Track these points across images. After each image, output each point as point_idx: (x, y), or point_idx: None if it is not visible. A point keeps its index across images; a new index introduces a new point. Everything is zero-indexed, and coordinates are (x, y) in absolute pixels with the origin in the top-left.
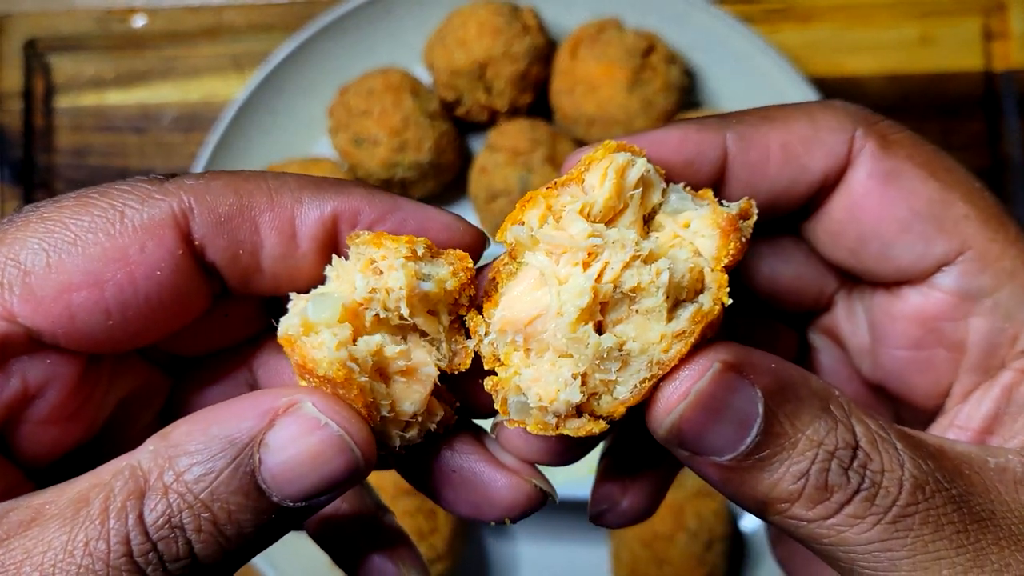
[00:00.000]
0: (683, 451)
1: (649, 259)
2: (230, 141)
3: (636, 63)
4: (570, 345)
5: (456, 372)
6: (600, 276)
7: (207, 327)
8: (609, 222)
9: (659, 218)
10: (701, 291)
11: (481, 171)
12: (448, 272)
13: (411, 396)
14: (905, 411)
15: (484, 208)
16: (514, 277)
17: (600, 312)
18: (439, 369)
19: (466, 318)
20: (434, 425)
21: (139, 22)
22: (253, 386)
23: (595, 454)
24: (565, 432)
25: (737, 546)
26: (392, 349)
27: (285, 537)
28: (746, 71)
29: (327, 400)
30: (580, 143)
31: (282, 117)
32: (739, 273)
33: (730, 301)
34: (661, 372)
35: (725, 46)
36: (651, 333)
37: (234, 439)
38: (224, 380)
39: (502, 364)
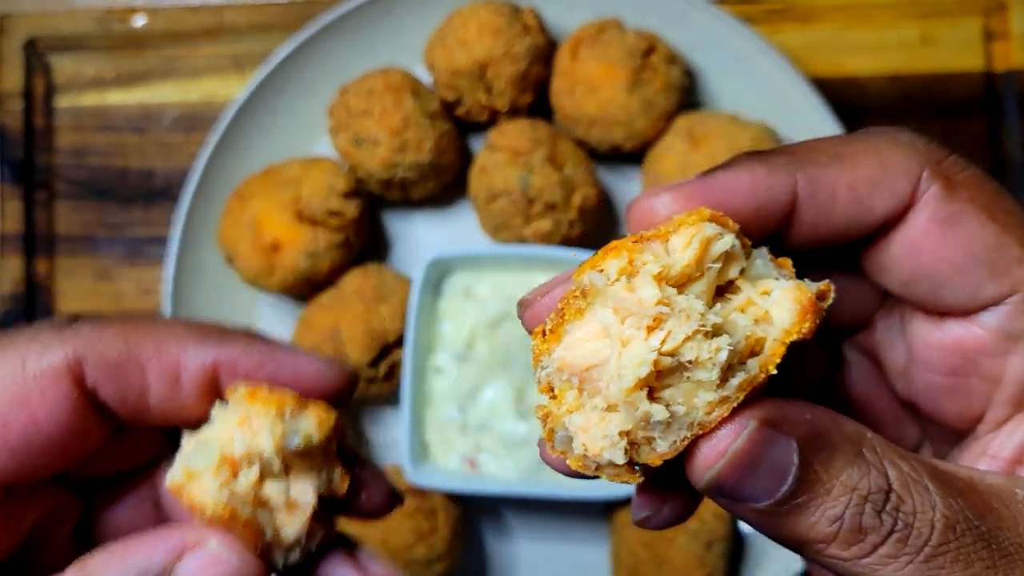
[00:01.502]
0: (721, 499)
1: (714, 332)
2: (230, 141)
3: (636, 63)
4: (622, 407)
5: (336, 497)
6: (661, 345)
7: (111, 453)
8: (683, 286)
9: (739, 282)
10: (756, 354)
11: (481, 171)
12: (314, 426)
13: (293, 523)
14: (933, 429)
15: (484, 208)
16: (581, 317)
17: (655, 377)
18: (319, 495)
19: (532, 344)
20: (314, 545)
21: (139, 22)
22: (157, 502)
23: None
24: (601, 476)
25: (737, 547)
26: (272, 487)
27: None
28: (747, 71)
29: (227, 538)
30: (581, 143)
31: (282, 117)
32: None
33: (775, 372)
34: (701, 432)
35: (726, 46)
36: (698, 399)
37: (147, 570)
38: (131, 497)
39: (555, 397)
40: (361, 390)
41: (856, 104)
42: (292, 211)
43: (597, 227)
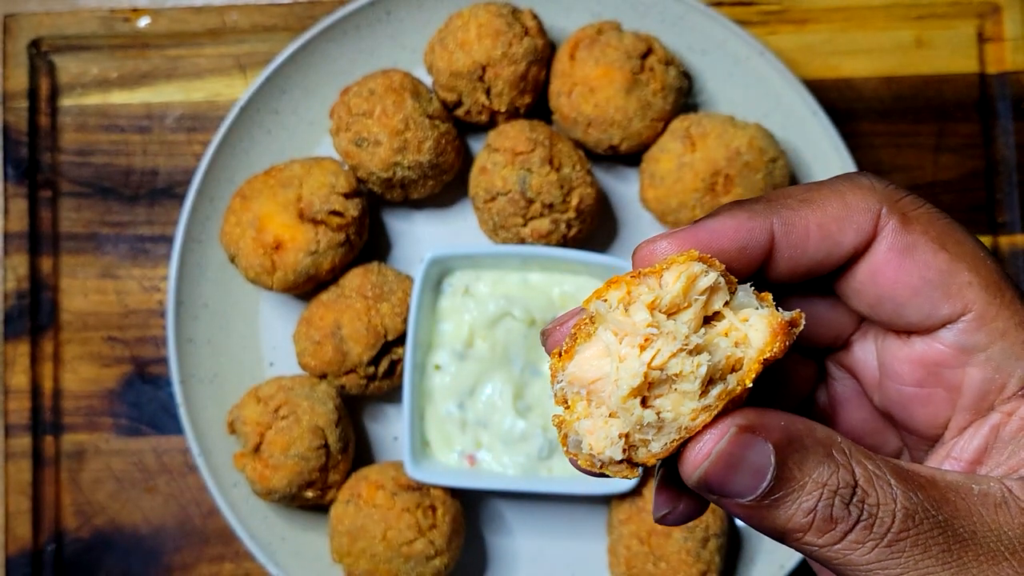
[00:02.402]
0: (711, 495)
1: (695, 351)
2: (233, 141)
3: (634, 65)
4: (619, 412)
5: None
6: (651, 361)
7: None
8: (673, 314)
9: (724, 311)
10: (736, 371)
11: (481, 171)
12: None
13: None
14: (908, 437)
15: (483, 207)
16: (589, 339)
17: (647, 387)
18: None
19: (550, 363)
20: None
21: (143, 22)
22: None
23: None
24: (607, 472)
25: (733, 542)
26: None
27: (286, 535)
28: (743, 73)
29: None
30: (579, 144)
31: (285, 117)
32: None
33: (751, 385)
34: (688, 435)
35: (722, 49)
36: (684, 407)
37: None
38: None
39: (568, 407)
40: (362, 387)
41: (851, 106)
42: (294, 210)
43: (595, 227)
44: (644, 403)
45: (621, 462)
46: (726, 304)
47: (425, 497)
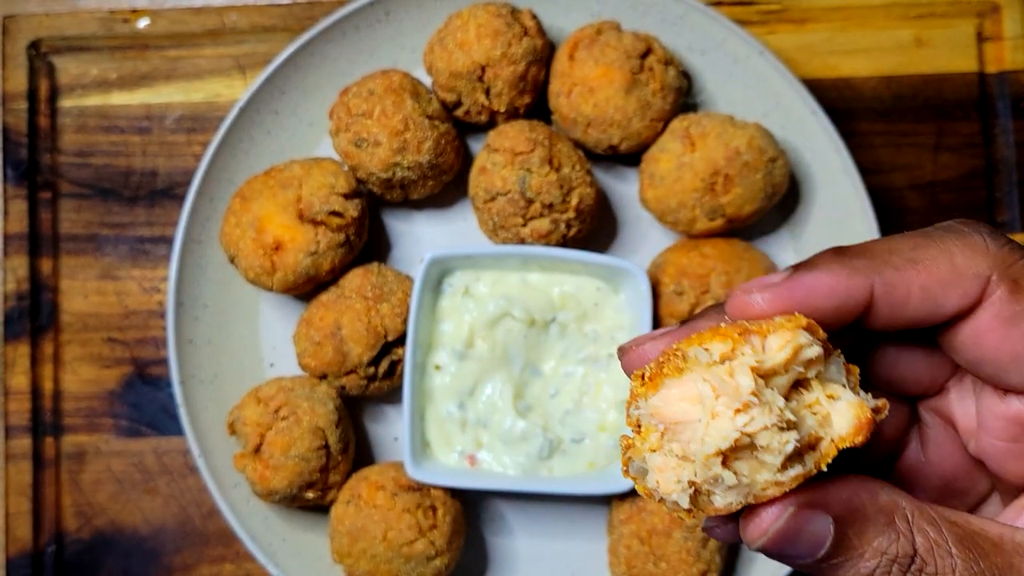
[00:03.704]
0: (769, 556)
1: (786, 426)
2: (233, 142)
3: (634, 65)
4: (698, 465)
5: None
6: (744, 426)
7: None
8: (768, 377)
9: (814, 382)
10: (813, 446)
11: (480, 171)
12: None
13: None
14: (999, 483)
15: (483, 208)
16: (679, 375)
17: (732, 449)
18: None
19: (631, 384)
20: None
21: (142, 23)
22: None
23: (589, 452)
24: (663, 507)
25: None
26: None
27: (286, 536)
28: (742, 73)
29: None
30: (578, 144)
31: (284, 118)
32: (864, 359)
33: (826, 469)
34: (754, 501)
35: (722, 48)
36: (760, 476)
37: None
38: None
39: (640, 432)
40: (362, 388)
41: (850, 105)
42: (294, 211)
43: (594, 227)
44: (724, 462)
45: (675, 504)
46: (817, 375)
47: (425, 497)
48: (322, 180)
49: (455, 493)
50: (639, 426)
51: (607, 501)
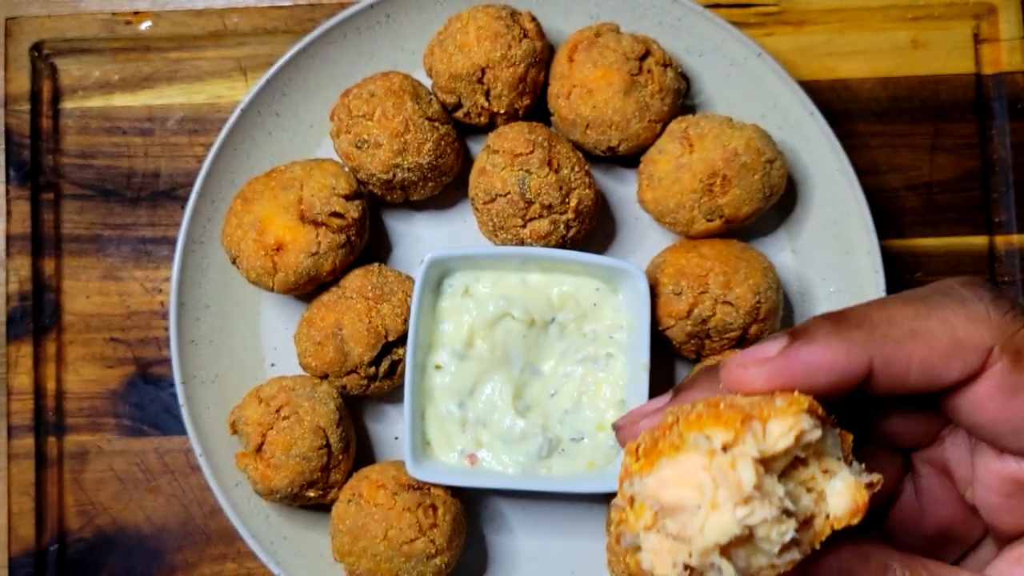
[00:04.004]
0: None
1: (785, 515)
2: (235, 143)
3: (632, 67)
4: (696, 555)
5: None
6: (744, 518)
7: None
8: (767, 463)
9: (810, 457)
10: (808, 523)
11: (480, 173)
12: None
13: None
14: (993, 532)
15: (483, 209)
16: (676, 453)
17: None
18: None
19: (624, 460)
20: None
21: (144, 26)
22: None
23: (588, 451)
24: None
25: None
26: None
27: (287, 534)
28: (740, 75)
29: None
30: (577, 145)
31: (285, 120)
32: (862, 412)
33: (819, 547)
34: None
35: (720, 50)
36: (755, 561)
37: None
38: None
39: (633, 507)
40: (362, 387)
41: (848, 107)
42: (295, 212)
43: (593, 228)
44: (722, 551)
45: None
46: (815, 451)
47: (426, 496)
48: (323, 181)
49: (455, 492)
50: (632, 502)
51: (606, 499)
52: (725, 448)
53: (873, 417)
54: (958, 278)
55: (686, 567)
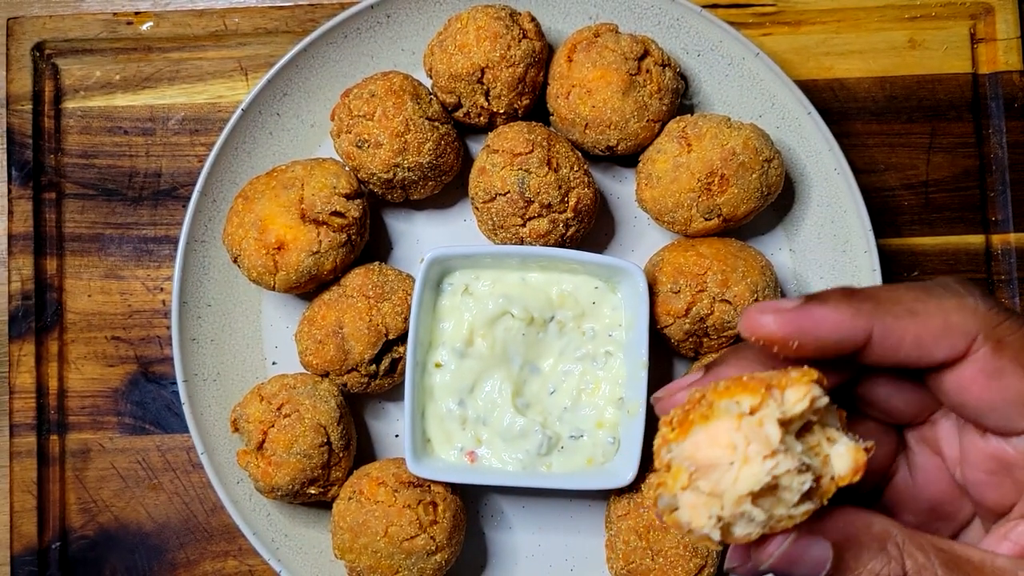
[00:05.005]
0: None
1: (803, 470)
2: (236, 143)
3: (631, 67)
4: (728, 503)
5: None
6: (772, 470)
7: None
8: (786, 424)
9: (815, 428)
10: (817, 484)
11: (480, 172)
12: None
13: None
14: (980, 510)
15: (482, 208)
16: (706, 423)
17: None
18: None
19: (661, 429)
20: None
21: (146, 26)
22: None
23: (587, 448)
24: (689, 539)
25: None
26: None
27: (289, 532)
28: (738, 75)
29: None
30: (576, 145)
31: (286, 120)
32: (855, 389)
33: (827, 504)
34: (769, 531)
35: (718, 50)
36: (777, 511)
37: None
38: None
39: (669, 471)
40: (363, 385)
41: (845, 106)
42: (296, 211)
43: (592, 227)
44: (752, 500)
45: (705, 536)
46: (819, 420)
47: (426, 493)
48: (324, 181)
49: (455, 489)
50: (668, 467)
51: (605, 496)
52: (752, 411)
53: (871, 395)
54: (955, 276)
55: (719, 518)
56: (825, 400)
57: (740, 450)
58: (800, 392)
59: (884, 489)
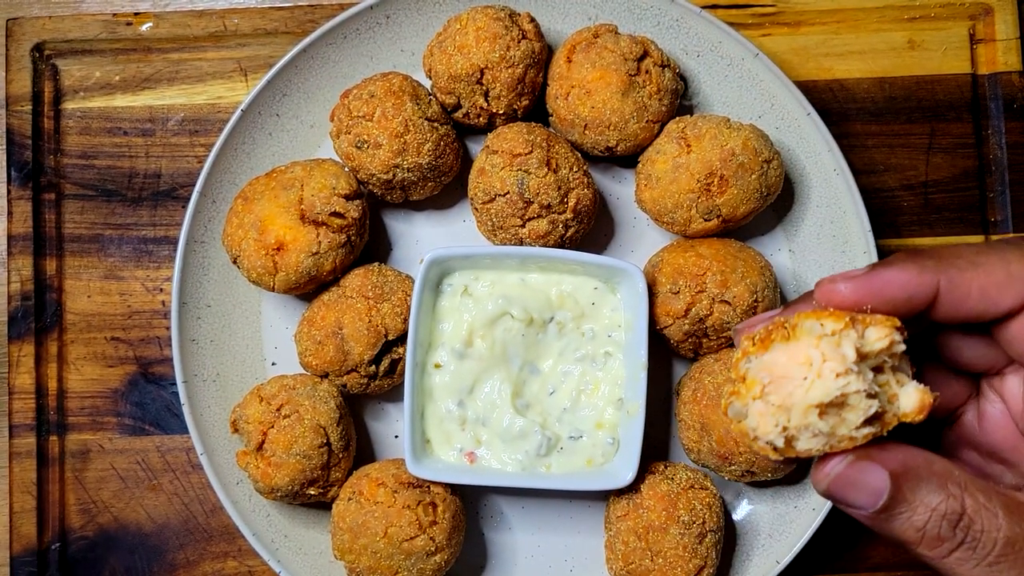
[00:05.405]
0: (836, 504)
1: (870, 395)
2: (235, 144)
3: (630, 68)
4: (796, 413)
5: None
6: (843, 387)
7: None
8: (861, 359)
9: (888, 369)
10: (880, 418)
11: (479, 173)
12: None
13: None
14: None
15: (482, 209)
16: (787, 342)
17: (826, 404)
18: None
19: (743, 344)
20: None
21: (145, 27)
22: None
23: (586, 449)
24: (753, 446)
25: (729, 537)
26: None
27: (288, 532)
28: (737, 75)
29: None
30: (576, 146)
31: (286, 120)
32: (934, 340)
33: (887, 434)
34: (830, 451)
35: (717, 51)
36: (841, 430)
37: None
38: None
39: (744, 381)
40: (363, 386)
41: (844, 107)
42: (295, 212)
43: (592, 227)
44: (819, 414)
45: (769, 444)
46: (892, 366)
47: (426, 494)
48: (323, 181)
49: (455, 489)
50: (744, 378)
51: (604, 497)
52: (835, 334)
53: (945, 347)
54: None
55: (784, 428)
56: (903, 347)
57: (816, 365)
58: (882, 332)
59: (949, 427)
